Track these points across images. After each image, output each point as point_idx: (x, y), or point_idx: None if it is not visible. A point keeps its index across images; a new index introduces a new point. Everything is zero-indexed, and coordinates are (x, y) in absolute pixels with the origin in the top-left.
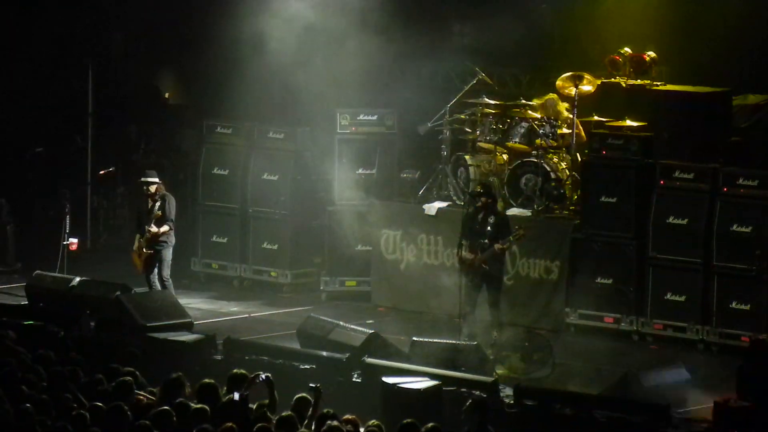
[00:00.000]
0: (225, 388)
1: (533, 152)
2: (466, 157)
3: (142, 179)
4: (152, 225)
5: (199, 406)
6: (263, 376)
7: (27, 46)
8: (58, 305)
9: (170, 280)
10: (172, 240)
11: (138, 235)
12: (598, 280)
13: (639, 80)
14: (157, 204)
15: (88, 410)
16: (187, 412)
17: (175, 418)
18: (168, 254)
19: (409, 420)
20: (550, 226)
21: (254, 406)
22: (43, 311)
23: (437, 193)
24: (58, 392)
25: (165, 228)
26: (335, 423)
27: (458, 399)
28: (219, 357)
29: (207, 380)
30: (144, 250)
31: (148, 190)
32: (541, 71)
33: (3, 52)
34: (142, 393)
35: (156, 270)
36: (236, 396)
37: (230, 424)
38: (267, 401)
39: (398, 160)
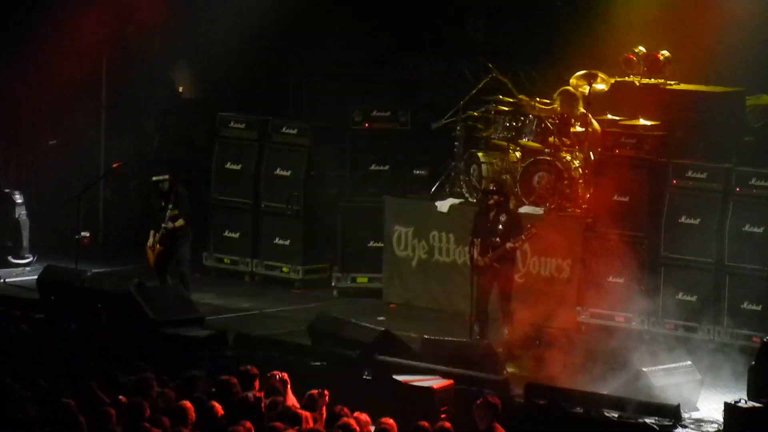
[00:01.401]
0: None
1: (546, 150)
2: (479, 154)
3: (154, 178)
4: (168, 221)
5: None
6: (278, 376)
7: (42, 37)
8: (70, 298)
9: (189, 276)
10: (190, 235)
11: (152, 231)
12: (610, 278)
13: (653, 79)
14: (172, 199)
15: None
16: (203, 409)
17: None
18: (186, 250)
19: (419, 419)
20: (562, 225)
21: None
22: (55, 304)
23: (450, 190)
24: (76, 388)
25: (181, 221)
26: (347, 420)
27: (469, 397)
28: (230, 353)
29: (224, 377)
30: (158, 245)
31: (162, 187)
32: (555, 69)
33: (17, 45)
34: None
35: (175, 265)
36: (251, 396)
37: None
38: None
39: (411, 156)
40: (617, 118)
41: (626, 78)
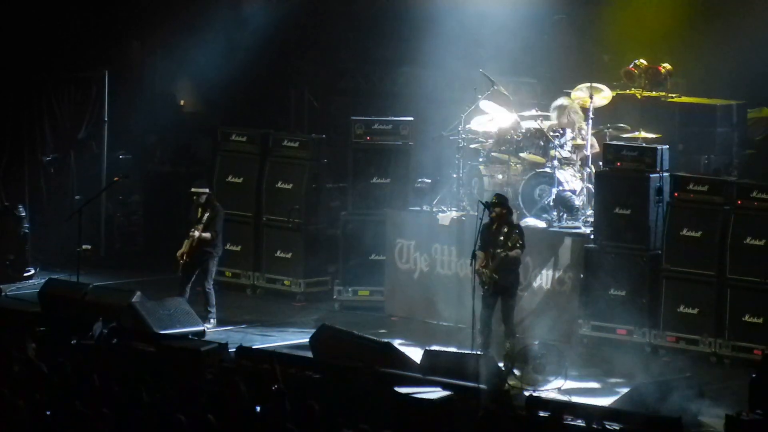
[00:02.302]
0: None
1: (547, 163)
2: (481, 167)
3: (192, 189)
4: (194, 231)
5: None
6: (274, 387)
7: (44, 52)
8: (72, 312)
9: (213, 290)
10: (219, 251)
11: (186, 240)
12: (611, 291)
13: (654, 92)
14: (207, 213)
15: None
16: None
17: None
18: (213, 265)
19: None
20: (563, 238)
21: None
22: (57, 318)
23: (451, 203)
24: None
25: (207, 235)
26: None
27: (470, 410)
28: (231, 365)
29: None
30: (184, 257)
31: (198, 198)
32: (556, 82)
33: (21, 59)
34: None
35: (202, 279)
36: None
37: None
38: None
39: (412, 169)
40: (619, 130)
41: (628, 91)
